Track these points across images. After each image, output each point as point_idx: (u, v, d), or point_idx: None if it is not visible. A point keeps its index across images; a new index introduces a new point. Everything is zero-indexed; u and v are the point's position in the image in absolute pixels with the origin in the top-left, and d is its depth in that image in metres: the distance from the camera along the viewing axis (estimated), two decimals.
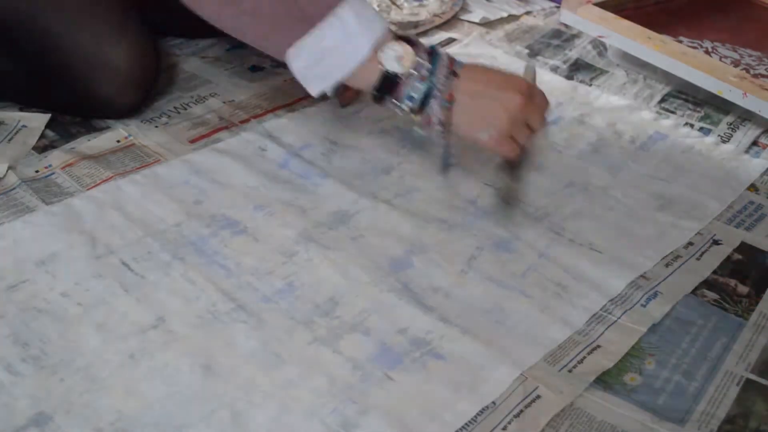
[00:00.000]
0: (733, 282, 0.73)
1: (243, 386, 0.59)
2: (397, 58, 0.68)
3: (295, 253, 0.72)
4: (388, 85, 0.69)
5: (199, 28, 0.76)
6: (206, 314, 0.65)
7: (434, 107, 0.69)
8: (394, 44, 0.68)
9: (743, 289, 0.73)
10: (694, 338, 0.67)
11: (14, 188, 0.78)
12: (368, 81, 0.69)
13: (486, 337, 0.65)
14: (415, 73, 0.68)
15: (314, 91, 0.71)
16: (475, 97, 0.69)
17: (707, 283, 0.73)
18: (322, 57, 0.68)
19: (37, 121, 0.88)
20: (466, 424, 0.58)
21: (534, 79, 0.77)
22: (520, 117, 0.70)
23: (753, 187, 0.87)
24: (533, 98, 0.71)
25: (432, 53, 0.69)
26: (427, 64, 0.68)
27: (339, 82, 0.69)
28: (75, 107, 0.90)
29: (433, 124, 0.71)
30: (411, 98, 0.69)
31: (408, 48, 0.68)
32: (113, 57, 0.85)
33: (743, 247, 0.78)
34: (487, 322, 0.67)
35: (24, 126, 0.87)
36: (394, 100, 0.70)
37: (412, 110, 0.70)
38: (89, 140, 0.86)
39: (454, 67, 0.70)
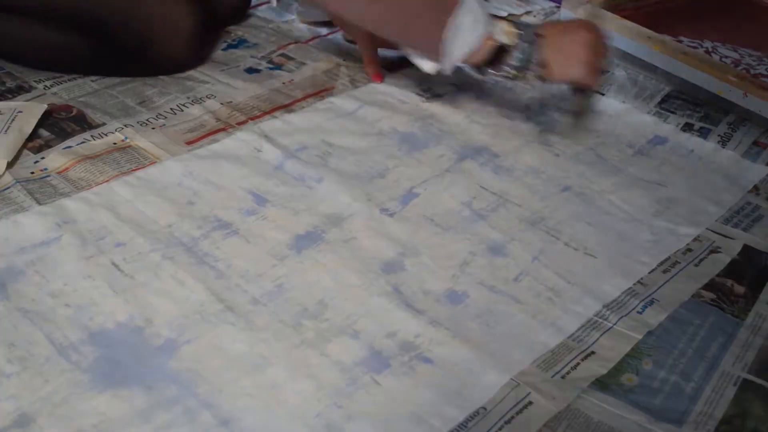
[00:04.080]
0: (729, 282, 0.73)
1: (228, 388, 0.59)
2: (505, 33, 0.83)
3: (287, 255, 0.72)
4: (497, 56, 0.84)
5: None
6: (194, 315, 0.65)
7: (534, 63, 0.84)
8: (498, 22, 0.84)
9: (740, 289, 0.72)
10: (691, 338, 0.67)
11: (8, 187, 0.78)
12: (481, 56, 0.84)
13: (476, 342, 0.64)
14: (517, 41, 0.83)
15: (448, 66, 0.85)
16: (560, 45, 0.84)
17: (704, 284, 0.72)
18: (456, 36, 0.82)
19: (33, 108, 0.88)
20: (456, 429, 0.57)
21: (596, 17, 0.95)
22: (597, 49, 0.84)
23: (754, 188, 0.86)
24: (599, 31, 0.85)
25: (520, 26, 0.84)
26: (522, 33, 0.83)
27: (460, 60, 0.84)
28: (141, 68, 0.98)
29: (534, 76, 0.85)
30: (518, 60, 0.84)
31: (508, 24, 0.84)
32: (177, 13, 0.96)
33: (741, 249, 0.77)
34: (478, 326, 0.66)
35: (20, 112, 0.87)
36: (502, 69, 0.85)
37: (517, 70, 0.84)
38: (85, 140, 0.86)
39: (538, 29, 0.84)
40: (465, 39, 0.83)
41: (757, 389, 0.62)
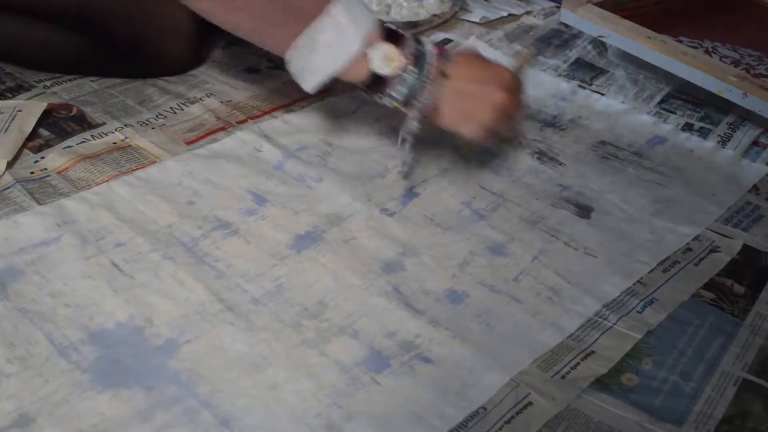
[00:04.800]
0: (729, 282, 0.73)
1: (228, 388, 0.59)
2: (384, 59, 0.69)
3: (287, 255, 0.72)
4: (376, 82, 0.71)
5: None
6: (194, 315, 0.65)
7: (417, 105, 0.72)
8: (383, 45, 0.69)
9: (740, 289, 0.72)
10: (691, 338, 0.67)
11: (8, 187, 0.78)
12: (358, 77, 0.71)
13: (476, 342, 0.65)
14: (402, 74, 0.70)
15: (308, 86, 0.72)
16: (460, 95, 0.72)
17: (704, 283, 0.72)
18: (314, 53, 0.69)
19: (33, 107, 0.88)
20: (456, 429, 0.57)
21: (524, 65, 0.81)
22: (503, 112, 0.73)
23: (754, 188, 0.86)
24: (517, 92, 0.75)
25: (418, 55, 0.70)
26: (412, 68, 0.70)
27: (330, 77, 0.71)
28: (142, 69, 0.97)
29: (415, 120, 0.73)
30: (394, 98, 0.71)
31: (394, 50, 0.69)
32: (176, 14, 0.93)
33: (740, 248, 0.77)
34: (478, 326, 0.66)
35: (19, 111, 0.87)
36: (380, 95, 0.72)
37: (398, 102, 0.72)
38: (85, 140, 0.86)
39: (441, 65, 0.71)
40: (327, 56, 0.69)
41: (757, 389, 0.62)
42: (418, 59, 0.70)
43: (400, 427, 0.57)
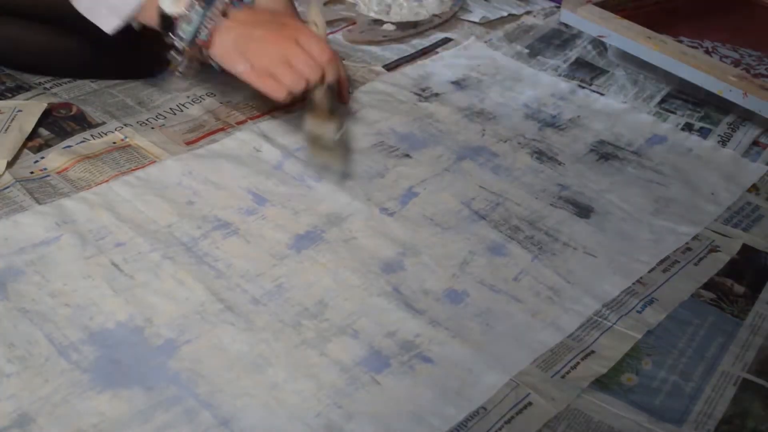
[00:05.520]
0: (729, 282, 0.73)
1: (228, 388, 0.59)
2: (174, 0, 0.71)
3: (286, 255, 0.72)
4: (168, 24, 0.73)
5: None
6: (194, 315, 0.65)
7: (196, 41, 0.74)
8: None
9: (739, 288, 0.72)
10: (690, 338, 0.67)
11: (8, 187, 0.78)
12: (152, 19, 0.74)
13: (475, 342, 0.65)
14: (188, 13, 0.72)
15: (107, 26, 0.74)
16: (236, 33, 0.74)
17: (703, 283, 0.72)
18: None
19: (33, 107, 0.88)
20: (456, 429, 0.58)
21: (322, 30, 0.79)
22: (277, 53, 0.73)
23: (754, 188, 0.86)
24: (300, 38, 0.74)
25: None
26: (198, 8, 0.72)
27: (128, 17, 0.73)
28: (143, 70, 0.96)
29: (195, 56, 0.75)
30: (180, 37, 0.73)
31: None
32: None
33: (740, 248, 0.77)
34: (477, 326, 0.66)
35: (19, 111, 0.87)
36: (171, 36, 0.74)
37: (183, 47, 0.74)
38: (85, 140, 0.86)
39: (226, 8, 0.73)
40: None
41: (757, 389, 0.62)
42: (208, 2, 0.72)
43: (400, 427, 0.57)
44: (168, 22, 0.73)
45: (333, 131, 0.78)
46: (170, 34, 0.74)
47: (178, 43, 0.74)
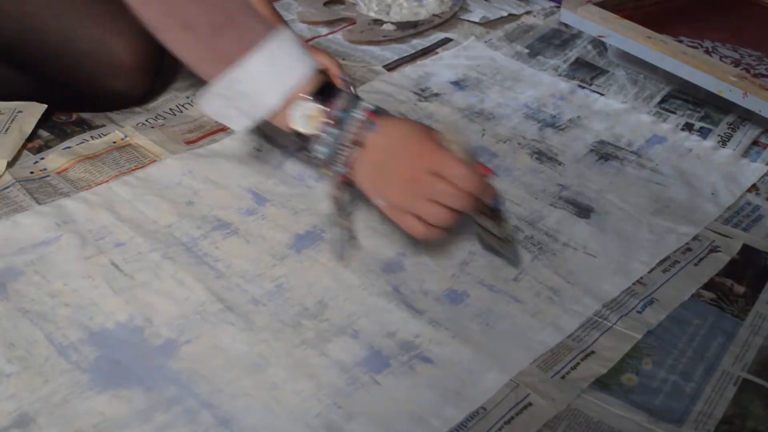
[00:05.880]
0: (729, 282, 0.73)
1: (228, 388, 0.59)
2: (306, 117, 0.64)
3: (286, 255, 0.72)
4: (303, 138, 0.65)
5: None
6: (194, 315, 0.65)
7: (335, 169, 0.66)
8: (305, 102, 0.64)
9: (739, 288, 0.72)
10: (691, 338, 0.67)
11: (8, 187, 0.78)
12: (284, 127, 0.66)
13: (475, 342, 0.65)
14: (320, 135, 0.64)
15: (237, 126, 0.66)
16: (371, 165, 0.64)
17: (704, 283, 0.72)
18: (234, 100, 0.64)
19: (33, 108, 0.88)
20: (456, 429, 0.58)
21: (464, 152, 0.65)
22: (412, 191, 0.63)
23: (754, 188, 0.86)
24: (443, 170, 0.62)
25: (341, 116, 0.64)
26: (332, 129, 0.64)
27: (258, 121, 0.66)
28: (85, 103, 0.91)
29: (336, 185, 0.67)
30: (321, 153, 0.65)
31: (317, 109, 0.63)
32: (117, 49, 0.86)
33: (740, 248, 0.77)
34: (477, 326, 0.66)
35: (19, 112, 0.87)
36: (308, 150, 0.66)
37: (322, 165, 0.66)
38: (85, 140, 0.86)
39: (361, 132, 0.64)
40: (245, 105, 0.64)
41: (757, 389, 0.62)
42: (340, 121, 0.64)
43: (400, 427, 0.57)
44: (302, 136, 0.65)
45: (506, 231, 0.70)
46: (307, 149, 0.66)
47: (315, 160, 0.66)
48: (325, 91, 0.64)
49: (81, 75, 0.87)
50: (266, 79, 0.63)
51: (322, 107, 0.63)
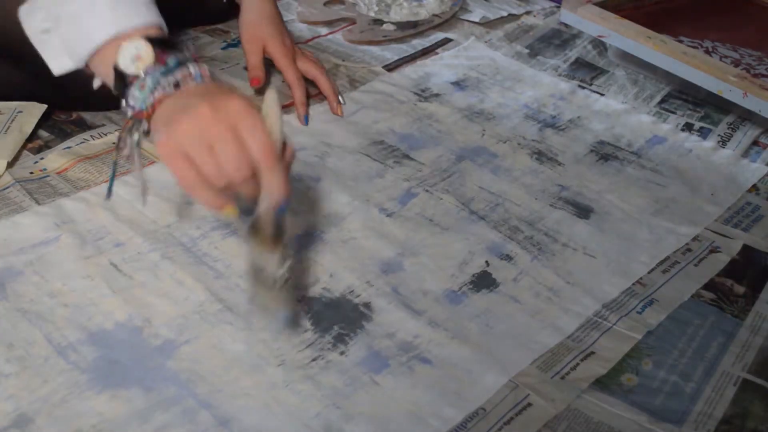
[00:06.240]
0: (729, 282, 0.73)
1: (227, 388, 0.59)
2: (134, 57, 0.57)
3: (286, 255, 0.72)
4: (122, 85, 0.58)
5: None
6: (193, 315, 0.65)
7: (135, 106, 0.59)
8: (141, 42, 0.57)
9: (739, 289, 0.72)
10: (690, 338, 0.67)
11: (8, 187, 0.78)
12: (107, 74, 0.59)
13: (475, 342, 0.64)
14: (144, 77, 0.57)
15: (54, 66, 0.61)
16: (174, 102, 0.57)
17: (704, 283, 0.72)
18: (60, 21, 0.58)
19: (33, 109, 0.87)
20: (455, 430, 0.57)
21: (273, 111, 0.57)
22: (200, 131, 0.54)
23: (754, 188, 0.86)
24: (240, 125, 0.54)
25: (171, 64, 0.58)
26: (157, 74, 0.57)
27: (81, 62, 0.60)
28: (85, 103, 0.91)
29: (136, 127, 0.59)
30: (130, 105, 0.58)
31: (150, 53, 0.57)
32: None
33: (740, 248, 0.77)
34: (477, 326, 0.66)
35: (19, 112, 0.86)
36: (125, 101, 0.59)
37: (130, 112, 0.59)
38: (84, 140, 0.86)
39: (184, 79, 0.58)
40: (85, 28, 0.58)
41: (757, 389, 0.62)
42: (168, 67, 0.58)
43: (399, 428, 0.57)
44: (122, 83, 0.58)
45: (275, 265, 0.58)
46: (123, 102, 0.59)
47: (127, 111, 0.59)
48: (164, 44, 0.58)
49: (81, 75, 0.87)
50: (104, 8, 0.57)
51: (155, 51, 0.57)
